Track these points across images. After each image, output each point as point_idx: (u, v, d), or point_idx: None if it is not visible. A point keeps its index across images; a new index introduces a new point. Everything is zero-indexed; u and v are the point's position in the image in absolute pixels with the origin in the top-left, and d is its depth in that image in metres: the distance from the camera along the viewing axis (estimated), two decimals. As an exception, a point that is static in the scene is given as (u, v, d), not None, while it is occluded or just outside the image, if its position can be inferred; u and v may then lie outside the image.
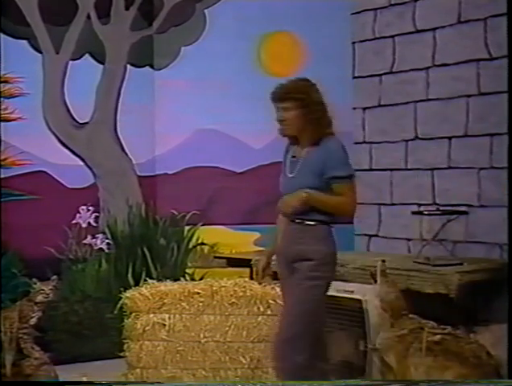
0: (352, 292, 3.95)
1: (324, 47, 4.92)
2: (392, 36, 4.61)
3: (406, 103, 4.54)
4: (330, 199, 3.07)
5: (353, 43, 4.89)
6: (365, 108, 4.85)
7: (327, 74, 4.91)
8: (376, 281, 3.76)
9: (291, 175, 3.13)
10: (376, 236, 4.76)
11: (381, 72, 4.69)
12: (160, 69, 4.96)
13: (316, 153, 3.07)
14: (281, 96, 3.15)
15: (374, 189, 4.73)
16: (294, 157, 3.13)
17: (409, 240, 4.48)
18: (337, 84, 4.96)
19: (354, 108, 4.91)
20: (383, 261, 3.76)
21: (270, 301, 4.16)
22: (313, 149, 3.08)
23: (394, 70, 4.63)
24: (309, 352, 3.06)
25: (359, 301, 3.90)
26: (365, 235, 4.83)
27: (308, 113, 3.08)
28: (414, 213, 4.23)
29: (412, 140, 4.55)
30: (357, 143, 4.91)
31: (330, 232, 3.15)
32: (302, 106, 3.08)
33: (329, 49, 4.92)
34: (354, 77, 4.91)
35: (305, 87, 3.13)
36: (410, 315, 3.63)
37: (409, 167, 4.57)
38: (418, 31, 4.48)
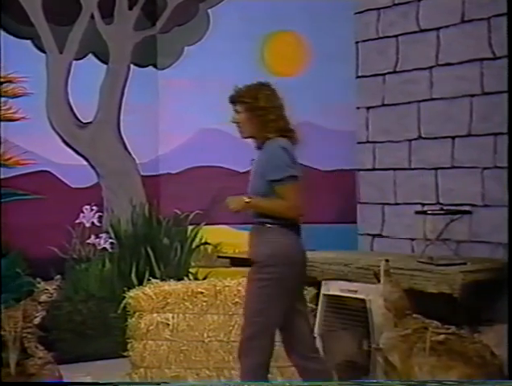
0: (355, 291, 3.96)
1: (327, 47, 4.93)
2: (396, 36, 4.61)
3: (410, 102, 4.54)
4: (269, 204, 3.14)
5: (357, 42, 4.89)
6: (368, 108, 4.85)
7: (330, 73, 4.96)
8: (379, 281, 3.76)
9: (250, 178, 3.25)
10: (379, 235, 4.76)
11: (385, 72, 4.69)
12: (163, 69, 4.96)
13: (260, 156, 3.19)
14: (233, 99, 3.27)
15: (378, 189, 4.73)
16: (253, 160, 3.26)
17: (412, 239, 4.48)
18: (341, 83, 4.98)
19: (358, 108, 4.91)
20: (387, 261, 3.75)
21: (274, 301, 4.16)
22: (260, 153, 3.20)
23: (397, 69, 4.63)
24: (266, 351, 3.15)
25: (362, 300, 3.90)
26: (369, 234, 4.83)
27: (253, 117, 3.18)
28: (417, 213, 4.23)
29: (416, 139, 4.55)
30: (360, 143, 4.91)
31: (281, 233, 3.17)
32: (249, 110, 3.19)
33: (333, 49, 4.92)
34: (358, 77, 4.91)
35: (254, 91, 3.23)
36: (414, 315, 3.62)
37: (412, 167, 4.57)
38: (421, 31, 4.48)
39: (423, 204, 4.44)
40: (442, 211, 4.18)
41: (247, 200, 3.15)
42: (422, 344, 3.50)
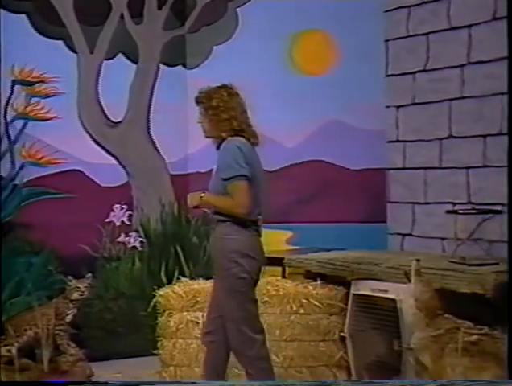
0: (386, 291, 3.93)
1: (356, 46, 4.90)
2: (426, 34, 4.57)
3: (441, 101, 4.50)
4: (218, 201, 3.28)
5: (386, 41, 4.86)
6: (398, 107, 4.81)
7: (359, 72, 4.94)
8: (410, 281, 3.74)
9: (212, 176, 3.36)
10: (410, 235, 4.73)
11: (415, 70, 4.66)
12: (192, 68, 4.98)
13: (218, 156, 3.33)
14: (195, 100, 3.44)
15: (408, 188, 4.70)
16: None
17: (443, 239, 4.44)
18: (370, 82, 4.95)
19: (387, 107, 4.88)
20: (418, 260, 3.73)
21: (303, 300, 4.16)
22: (218, 152, 3.34)
23: (427, 68, 4.59)
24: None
25: (393, 300, 3.88)
26: (399, 234, 4.80)
27: (207, 116, 3.34)
28: (448, 212, 4.19)
29: (446, 138, 4.51)
30: (390, 142, 4.88)
31: (234, 230, 3.27)
32: (205, 109, 3.36)
33: (362, 47, 4.89)
34: (387, 75, 4.88)
35: (211, 92, 3.38)
36: (446, 315, 3.59)
37: (443, 166, 4.53)
38: (452, 28, 4.44)
39: (454, 203, 4.40)
40: (473, 211, 4.14)
41: (201, 195, 3.29)
42: (454, 345, 3.46)
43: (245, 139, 3.35)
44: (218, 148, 3.35)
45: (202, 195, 3.30)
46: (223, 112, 3.30)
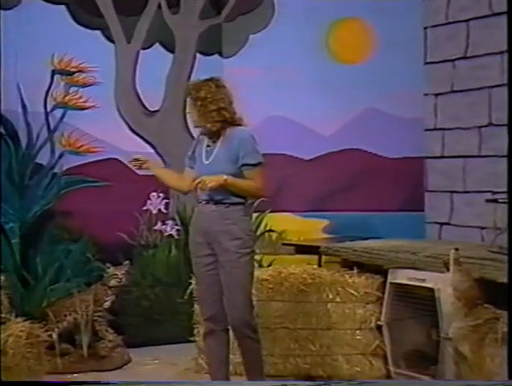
0: (423, 280, 3.89)
1: (394, 33, 4.86)
2: (466, 20, 4.51)
3: (481, 88, 4.44)
4: (243, 184, 3.44)
5: (425, 28, 4.81)
6: (437, 95, 4.76)
7: (397, 60, 4.89)
8: (449, 270, 3.70)
9: (207, 162, 3.49)
10: (448, 224, 4.68)
11: (455, 58, 4.60)
12: (229, 57, 4.98)
13: (229, 142, 3.45)
14: (184, 92, 3.63)
15: (446, 176, 4.66)
16: (209, 146, 3.52)
17: (482, 228, 4.39)
18: (408, 70, 4.91)
19: (425, 95, 4.83)
20: (456, 249, 3.69)
21: (339, 289, 4.14)
22: (225, 140, 3.46)
23: (467, 55, 4.53)
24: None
25: (431, 289, 3.84)
26: (437, 223, 4.76)
27: (196, 107, 3.48)
28: (487, 201, 4.14)
29: (486, 126, 4.45)
30: (428, 130, 4.83)
31: (245, 212, 3.53)
32: (193, 100, 3.49)
33: (400, 35, 4.85)
34: (426, 63, 4.83)
35: (200, 84, 3.52)
36: (485, 305, 3.55)
37: (482, 154, 4.47)
38: (493, 15, 4.37)
39: (494, 192, 4.34)
40: (513, 200, 4.07)
41: (225, 178, 3.39)
42: (494, 335, 3.43)
43: None
44: (211, 137, 3.52)
45: (225, 177, 3.40)
46: (211, 103, 3.45)
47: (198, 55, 4.98)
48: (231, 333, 3.59)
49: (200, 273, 3.55)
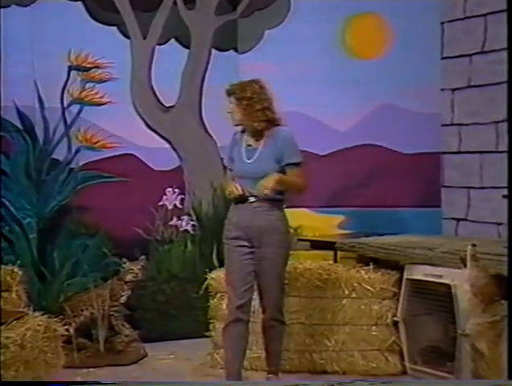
0: (440, 276, 3.88)
1: (410, 29, 4.84)
2: (484, 15, 4.47)
3: (498, 83, 4.40)
4: (293, 181, 3.62)
5: (442, 23, 4.78)
6: (453, 90, 4.73)
7: (414, 55, 4.87)
8: (466, 266, 3.68)
9: (250, 161, 3.62)
10: (464, 220, 4.66)
11: (472, 52, 4.57)
12: (244, 53, 4.98)
13: (273, 142, 3.60)
14: (227, 91, 3.70)
15: (463, 172, 4.63)
16: (249, 145, 3.65)
17: (499, 224, 4.36)
18: (424, 65, 4.88)
19: (442, 90, 4.80)
20: (474, 245, 3.67)
21: (355, 285, 4.14)
22: (269, 139, 3.61)
23: (485, 49, 4.49)
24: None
25: (447, 285, 3.82)
26: (453, 219, 4.73)
27: (241, 106, 3.61)
28: (505, 197, 4.10)
29: (503, 121, 4.42)
30: (445, 125, 4.80)
31: (283, 208, 3.71)
32: (237, 100, 3.62)
33: (416, 30, 4.83)
34: (442, 58, 4.80)
35: (244, 84, 3.67)
36: (502, 301, 3.53)
37: (500, 150, 4.43)
38: None
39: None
40: (531, 196, 4.04)
41: (280, 176, 3.55)
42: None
43: None
44: (254, 136, 3.63)
45: (279, 175, 3.55)
46: (256, 102, 3.58)
47: (213, 50, 4.98)
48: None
49: (236, 264, 3.66)
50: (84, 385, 3.56)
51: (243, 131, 3.71)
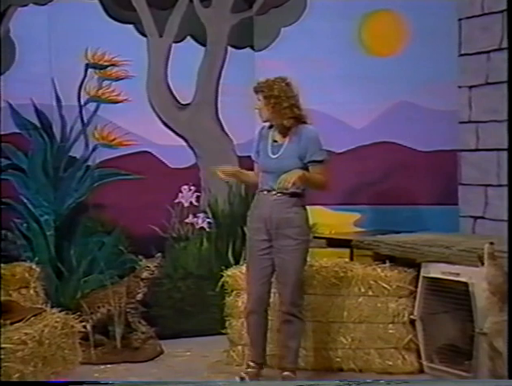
0: (457, 274, 3.86)
1: (427, 26, 4.82)
2: (501, 11, 4.44)
3: (516, 80, 4.36)
4: (316, 178, 3.72)
5: (460, 19, 4.75)
6: (471, 87, 4.71)
7: (430, 52, 4.84)
8: (483, 264, 3.66)
9: (274, 156, 3.75)
10: (482, 218, 4.63)
11: (490, 49, 4.54)
12: (260, 50, 4.98)
13: (298, 139, 3.71)
14: (255, 89, 3.81)
15: (480, 170, 4.60)
16: (275, 141, 3.77)
17: (517, 222, 4.32)
18: (441, 62, 4.85)
19: (459, 87, 4.77)
20: (491, 243, 3.65)
21: (371, 282, 4.13)
22: (294, 136, 3.72)
23: (502, 46, 4.46)
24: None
25: (465, 283, 3.81)
26: (471, 217, 4.71)
27: (269, 104, 3.72)
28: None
29: (521, 119, 4.38)
30: (462, 122, 4.77)
31: (303, 202, 3.80)
32: (266, 98, 3.72)
33: (433, 27, 4.81)
34: (460, 55, 4.77)
35: (271, 82, 3.75)
36: (521, 299, 3.50)
37: (517, 147, 4.40)
38: (530, 5, 4.29)
39: (529, 186, 4.27)
40: (550, 194, 4.00)
41: (303, 172, 3.65)
42: (529, 330, 3.38)
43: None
44: (281, 133, 3.75)
45: (302, 172, 3.66)
46: (284, 100, 3.68)
47: (230, 48, 4.98)
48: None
49: (255, 256, 3.80)
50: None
51: (270, 126, 3.82)
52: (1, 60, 4.52)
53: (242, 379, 3.90)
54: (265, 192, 3.76)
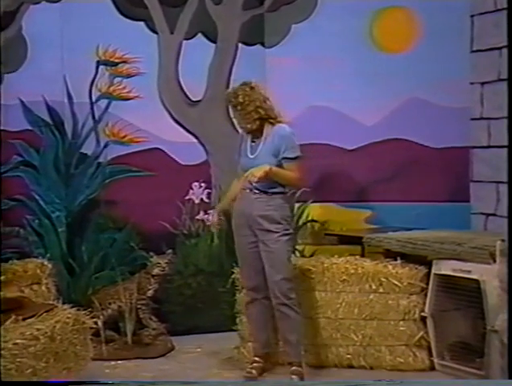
0: (469, 272, 3.85)
1: (439, 22, 4.79)
2: (514, 7, 4.41)
3: (529, 77, 4.34)
4: (284, 173, 3.85)
5: (472, 16, 4.72)
6: (483, 83, 4.68)
7: (442, 49, 4.82)
8: (495, 261, 3.65)
9: (252, 156, 3.90)
10: (494, 215, 4.61)
11: (502, 45, 4.50)
12: (271, 47, 4.96)
13: (272, 138, 3.86)
14: (225, 101, 4.02)
15: (492, 167, 4.58)
16: (253, 142, 3.93)
17: (529, 219, 4.29)
18: (453, 58, 4.83)
19: (471, 84, 4.75)
20: (503, 241, 3.64)
21: (383, 279, 4.12)
22: (268, 136, 3.87)
23: (515, 42, 4.43)
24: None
25: (476, 281, 3.79)
26: (482, 214, 4.68)
27: (237, 112, 3.91)
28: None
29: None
30: (474, 119, 4.75)
31: (286, 200, 3.95)
32: (234, 107, 3.92)
33: (445, 23, 4.78)
34: (472, 51, 4.74)
35: (235, 92, 3.91)
36: (533, 297, 3.49)
37: (530, 144, 4.37)
38: (543, 1, 4.26)
39: (542, 183, 4.25)
40: (562, 191, 3.98)
41: (270, 168, 3.78)
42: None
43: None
44: (254, 135, 3.90)
45: (269, 166, 3.79)
46: (248, 104, 3.85)
47: (240, 45, 4.97)
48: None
49: (243, 250, 3.97)
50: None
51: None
52: (13, 58, 4.55)
53: (250, 374, 3.94)
54: (247, 190, 3.91)
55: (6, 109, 4.53)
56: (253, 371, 3.97)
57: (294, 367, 3.89)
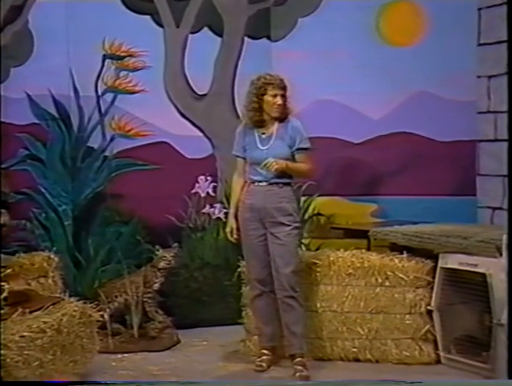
0: (475, 265, 3.84)
1: (446, 15, 4.78)
2: (523, 0, 4.38)
3: (536, 70, 4.32)
4: (299, 166, 3.93)
5: (479, 9, 4.70)
6: (490, 77, 4.67)
7: (449, 42, 4.81)
8: (501, 255, 3.64)
9: (264, 148, 3.92)
10: (500, 208, 4.60)
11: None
12: (277, 41, 4.96)
13: (285, 130, 3.92)
14: (278, 85, 3.97)
15: (499, 160, 4.56)
16: (263, 134, 3.94)
17: (536, 213, 4.28)
18: (460, 52, 4.82)
19: (478, 77, 4.73)
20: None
21: (389, 273, 4.11)
22: (281, 128, 3.93)
23: (523, 36, 4.41)
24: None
25: (483, 274, 3.79)
26: (489, 207, 4.68)
27: (285, 99, 3.95)
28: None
29: (540, 109, 4.33)
30: (481, 113, 4.74)
31: (295, 191, 4.04)
32: (285, 94, 3.98)
33: (452, 17, 4.77)
34: (479, 44, 4.73)
35: (281, 78, 4.00)
36: (539, 291, 3.47)
37: (537, 138, 4.35)
38: (551, -6, 4.24)
39: (549, 177, 4.23)
40: None
41: (287, 163, 3.86)
42: (548, 321, 3.36)
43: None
44: (272, 126, 3.92)
45: (287, 162, 3.87)
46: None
47: (246, 38, 4.97)
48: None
49: (252, 244, 3.97)
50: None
51: (253, 124, 3.95)
52: (19, 51, 4.55)
53: (260, 368, 3.97)
54: (256, 183, 3.92)
55: (13, 103, 4.54)
56: (264, 364, 4.00)
57: (298, 359, 3.92)
